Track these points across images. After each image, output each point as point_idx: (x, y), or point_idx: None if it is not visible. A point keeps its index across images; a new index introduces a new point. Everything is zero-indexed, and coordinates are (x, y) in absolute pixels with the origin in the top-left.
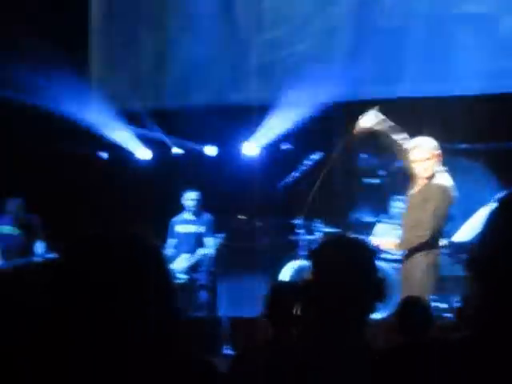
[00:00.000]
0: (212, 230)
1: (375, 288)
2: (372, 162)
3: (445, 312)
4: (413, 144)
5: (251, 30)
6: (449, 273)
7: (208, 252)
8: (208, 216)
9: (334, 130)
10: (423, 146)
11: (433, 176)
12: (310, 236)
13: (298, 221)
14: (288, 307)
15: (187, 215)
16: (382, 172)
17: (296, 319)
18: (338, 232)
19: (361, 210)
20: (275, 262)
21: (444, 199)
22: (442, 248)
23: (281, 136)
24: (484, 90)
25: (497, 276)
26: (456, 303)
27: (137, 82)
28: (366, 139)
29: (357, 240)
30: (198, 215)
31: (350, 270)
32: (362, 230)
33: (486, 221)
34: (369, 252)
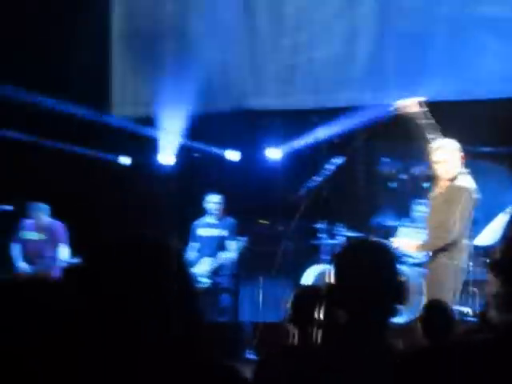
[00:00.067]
0: (234, 234)
1: (396, 291)
2: (394, 166)
3: (469, 316)
4: (436, 145)
5: (272, 34)
6: (472, 276)
7: (230, 256)
8: (230, 220)
9: (354, 134)
10: (446, 148)
11: (455, 178)
12: (332, 240)
13: (320, 225)
14: (311, 311)
15: (210, 219)
16: (403, 176)
17: (319, 323)
18: (360, 236)
19: (383, 214)
20: (298, 267)
21: (466, 201)
22: (465, 251)
23: (303, 141)
24: (507, 94)
25: None
26: (479, 306)
27: (158, 88)
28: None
29: (379, 243)
30: (220, 219)
31: (371, 274)
32: (384, 234)
33: (508, 224)
34: (390, 255)
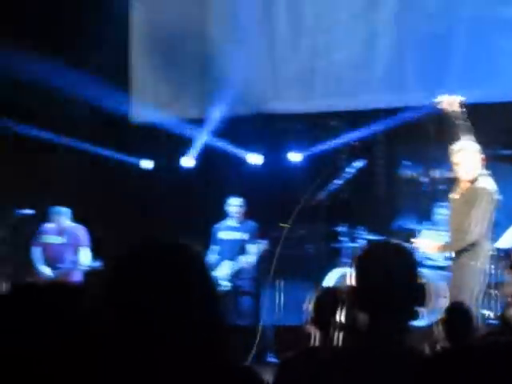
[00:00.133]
0: (255, 238)
1: (417, 293)
2: (415, 169)
3: (490, 319)
4: (456, 147)
5: (292, 37)
6: (494, 279)
7: (251, 259)
8: (251, 223)
9: (375, 136)
10: (466, 150)
11: (476, 179)
12: (353, 243)
13: (341, 228)
14: (332, 313)
15: (231, 222)
16: (425, 179)
17: (340, 325)
18: (380, 239)
19: (404, 217)
20: (319, 270)
21: (487, 202)
22: (487, 253)
23: (323, 144)
24: None
25: None
26: (501, 309)
27: (179, 91)
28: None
29: (399, 246)
30: (241, 222)
31: (392, 276)
32: (406, 237)
33: None
34: (411, 258)
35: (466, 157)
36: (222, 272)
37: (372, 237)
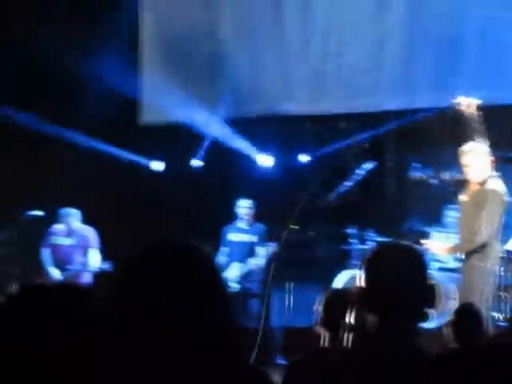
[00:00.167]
0: (264, 240)
1: (427, 295)
2: (425, 171)
3: (499, 321)
4: (466, 149)
5: (303, 40)
6: (504, 281)
7: (259, 262)
8: (260, 226)
9: (385, 139)
10: (476, 152)
11: (485, 181)
12: (362, 245)
13: (350, 230)
14: (341, 315)
15: (240, 224)
16: (434, 181)
17: (349, 327)
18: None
19: (414, 219)
20: (328, 272)
21: (497, 204)
22: (497, 254)
23: (333, 146)
24: None
25: None
26: (511, 311)
27: (190, 92)
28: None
29: (409, 247)
30: (250, 224)
31: (401, 277)
32: (415, 239)
33: None
34: (421, 259)
35: (476, 159)
36: (231, 274)
37: (381, 239)
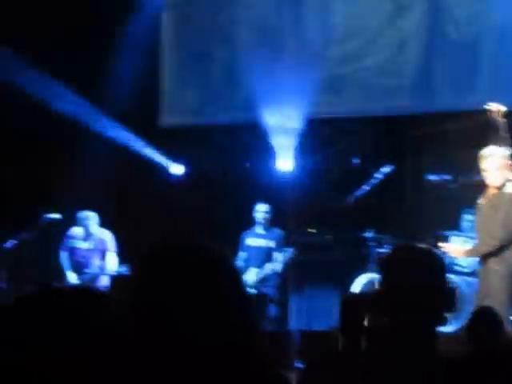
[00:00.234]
0: (282, 245)
1: (445, 298)
2: (443, 175)
3: None
4: (485, 153)
5: (322, 43)
6: None
7: (276, 267)
8: (278, 231)
9: (403, 142)
10: (495, 156)
11: (503, 185)
12: (380, 249)
13: (368, 234)
14: (359, 319)
15: (258, 229)
16: (453, 185)
17: (367, 330)
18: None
19: (432, 223)
20: (346, 276)
21: None
22: None
23: (351, 149)
24: None
25: None
26: None
27: (207, 97)
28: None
29: (427, 249)
30: (268, 229)
31: (419, 280)
32: (433, 243)
33: None
34: (439, 262)
35: (495, 163)
36: (248, 279)
37: (399, 242)
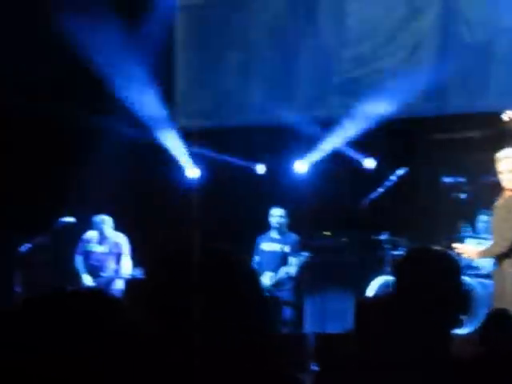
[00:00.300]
0: (296, 250)
1: (460, 301)
2: (458, 177)
3: None
4: (501, 156)
5: (335, 45)
6: None
7: (291, 271)
8: (293, 236)
9: (417, 144)
10: (510, 158)
11: None
12: (395, 251)
13: (383, 236)
14: (374, 321)
15: (273, 234)
16: (468, 187)
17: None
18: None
19: (446, 225)
20: (362, 278)
21: None
22: None
23: (365, 151)
24: None
25: None
26: None
27: (222, 99)
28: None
29: (442, 252)
30: (283, 234)
31: (434, 283)
32: (448, 245)
33: None
34: (454, 264)
35: (509, 165)
36: (263, 282)
37: (414, 245)
